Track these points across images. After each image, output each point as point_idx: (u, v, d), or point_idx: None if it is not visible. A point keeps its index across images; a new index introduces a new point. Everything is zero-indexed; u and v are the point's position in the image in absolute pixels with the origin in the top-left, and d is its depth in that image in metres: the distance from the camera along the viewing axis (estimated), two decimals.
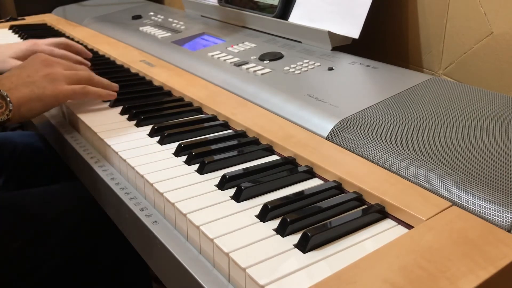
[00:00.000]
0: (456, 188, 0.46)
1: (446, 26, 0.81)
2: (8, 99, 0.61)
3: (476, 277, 0.36)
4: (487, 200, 0.44)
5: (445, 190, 0.46)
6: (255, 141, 0.61)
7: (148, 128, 0.66)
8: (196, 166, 0.55)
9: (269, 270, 0.38)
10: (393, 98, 0.65)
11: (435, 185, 0.47)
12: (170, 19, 1.18)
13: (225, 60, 0.85)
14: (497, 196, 0.44)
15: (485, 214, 0.43)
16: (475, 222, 0.42)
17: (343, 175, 0.50)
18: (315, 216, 0.45)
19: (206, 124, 0.66)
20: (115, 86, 0.76)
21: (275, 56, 0.83)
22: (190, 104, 0.74)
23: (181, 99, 0.76)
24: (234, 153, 0.57)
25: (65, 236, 0.75)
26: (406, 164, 0.50)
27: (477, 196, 0.45)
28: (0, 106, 0.60)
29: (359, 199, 0.48)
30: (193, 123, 0.67)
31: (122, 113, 0.71)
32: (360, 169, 0.51)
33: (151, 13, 1.27)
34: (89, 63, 0.87)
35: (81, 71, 0.72)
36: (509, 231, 0.41)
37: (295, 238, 0.42)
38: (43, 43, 0.86)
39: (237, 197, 0.49)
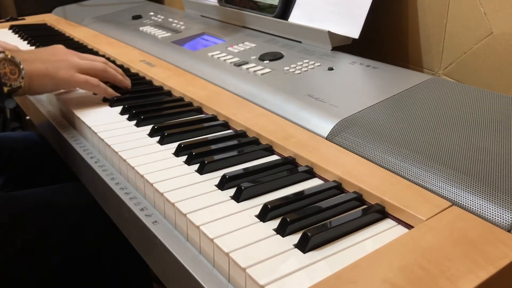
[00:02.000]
0: (456, 188, 0.46)
1: (446, 26, 0.81)
2: (21, 66, 0.66)
3: (476, 277, 0.36)
4: (487, 200, 0.44)
5: (445, 190, 0.46)
6: (255, 141, 0.61)
7: (148, 128, 0.66)
8: (196, 166, 0.55)
9: (269, 270, 0.38)
10: (393, 98, 0.65)
11: (435, 185, 0.47)
12: (170, 19, 1.18)
13: (225, 60, 0.85)
14: (497, 196, 0.44)
15: (485, 214, 0.43)
16: (475, 222, 0.42)
17: (343, 175, 0.50)
18: (315, 216, 0.45)
19: (206, 124, 0.66)
20: (128, 81, 0.79)
21: (275, 56, 0.83)
22: (190, 104, 0.74)
23: (181, 99, 0.76)
24: (234, 153, 0.57)
25: (65, 236, 0.75)
26: (406, 164, 0.50)
27: (477, 196, 0.45)
28: (13, 73, 0.65)
29: (359, 199, 0.48)
30: (193, 123, 0.67)
31: (122, 113, 0.71)
32: (360, 169, 0.51)
33: (151, 13, 1.27)
34: None
35: (96, 62, 0.75)
36: (509, 231, 0.41)
37: (295, 238, 0.42)
38: None
39: (237, 197, 0.49)
